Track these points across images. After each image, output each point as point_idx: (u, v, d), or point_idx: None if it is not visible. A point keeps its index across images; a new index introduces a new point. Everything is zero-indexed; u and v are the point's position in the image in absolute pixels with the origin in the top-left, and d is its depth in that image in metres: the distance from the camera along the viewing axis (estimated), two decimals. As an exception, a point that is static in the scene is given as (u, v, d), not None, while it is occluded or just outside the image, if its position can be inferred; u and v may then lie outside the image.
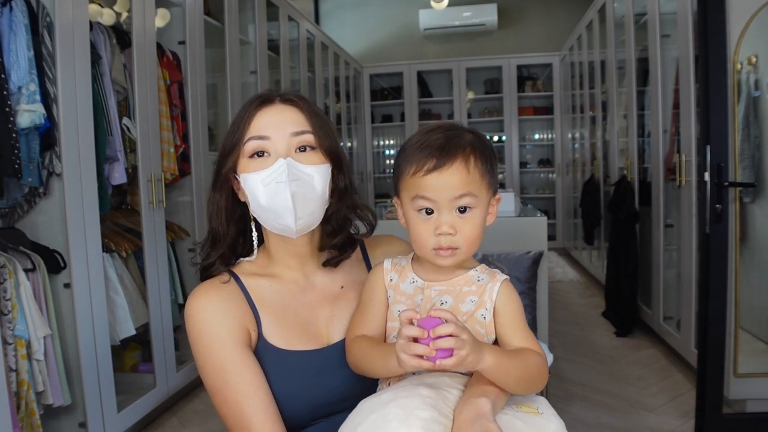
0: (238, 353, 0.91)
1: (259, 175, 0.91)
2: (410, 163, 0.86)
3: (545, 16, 6.80)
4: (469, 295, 0.88)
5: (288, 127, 0.93)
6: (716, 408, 2.13)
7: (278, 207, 0.90)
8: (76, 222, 2.02)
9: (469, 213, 0.85)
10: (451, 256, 0.86)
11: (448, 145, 0.85)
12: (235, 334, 0.92)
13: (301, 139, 0.93)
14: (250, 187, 0.92)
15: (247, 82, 3.55)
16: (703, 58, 2.10)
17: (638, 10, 3.56)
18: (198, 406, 2.69)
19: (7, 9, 1.82)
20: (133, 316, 2.38)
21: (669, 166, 3.14)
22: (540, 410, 0.87)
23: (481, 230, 0.87)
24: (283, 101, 0.96)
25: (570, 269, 5.61)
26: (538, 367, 0.85)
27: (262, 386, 0.90)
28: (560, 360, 3.04)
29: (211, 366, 0.91)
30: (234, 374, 0.89)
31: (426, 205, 0.85)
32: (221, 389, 0.90)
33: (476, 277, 0.89)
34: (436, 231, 0.85)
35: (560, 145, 6.69)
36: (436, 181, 0.84)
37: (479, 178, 0.85)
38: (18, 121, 1.82)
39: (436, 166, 0.84)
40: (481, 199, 0.86)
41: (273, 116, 0.94)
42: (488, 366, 0.78)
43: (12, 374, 1.77)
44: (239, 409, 0.88)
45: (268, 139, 0.92)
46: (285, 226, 0.92)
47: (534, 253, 2.27)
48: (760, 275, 2.39)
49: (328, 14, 6.98)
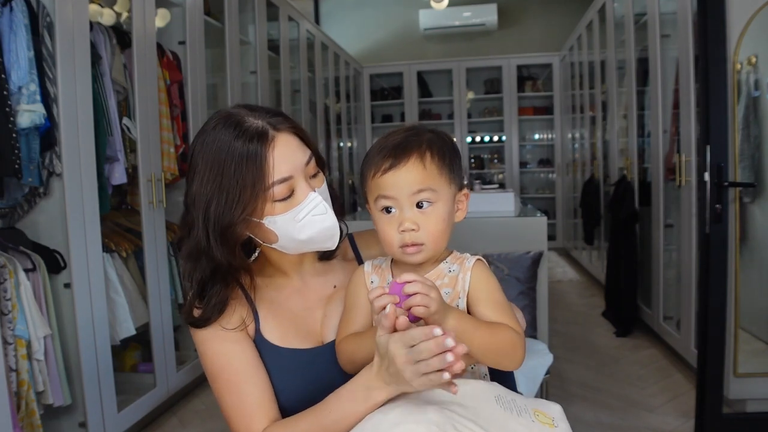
0: (239, 339, 0.94)
1: (291, 214, 0.89)
2: (370, 166, 0.89)
3: (545, 16, 6.80)
4: (443, 288, 0.89)
5: (299, 158, 0.90)
6: (716, 408, 2.13)
7: (321, 236, 0.92)
8: (76, 222, 2.02)
9: (430, 208, 0.87)
10: (417, 252, 0.88)
11: (404, 143, 0.88)
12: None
13: (310, 168, 0.93)
14: (281, 227, 0.90)
15: (247, 82, 3.55)
16: (703, 58, 2.10)
17: (638, 10, 3.56)
18: (198, 406, 2.69)
19: (7, 9, 1.82)
20: (133, 316, 2.38)
21: (669, 166, 3.14)
22: (555, 423, 0.86)
23: (445, 225, 0.89)
24: (279, 130, 0.89)
25: (570, 269, 5.61)
26: (509, 342, 0.84)
27: (260, 368, 0.94)
28: (560, 360, 3.04)
29: (211, 350, 0.94)
30: (234, 357, 0.93)
31: (387, 204, 0.88)
32: (220, 373, 0.93)
33: (447, 269, 0.92)
34: (399, 228, 0.87)
35: (560, 145, 6.69)
36: (393, 178, 0.86)
37: (437, 173, 0.87)
38: (18, 121, 1.82)
39: (392, 165, 0.86)
40: (442, 193, 0.88)
41: (284, 149, 0.88)
42: (451, 326, 0.79)
43: (12, 374, 1.77)
44: (238, 389, 0.91)
45: (292, 178, 0.89)
46: (325, 247, 0.95)
47: (534, 253, 2.27)
48: (760, 275, 2.39)
49: (328, 14, 6.98)
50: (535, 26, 6.85)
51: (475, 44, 6.91)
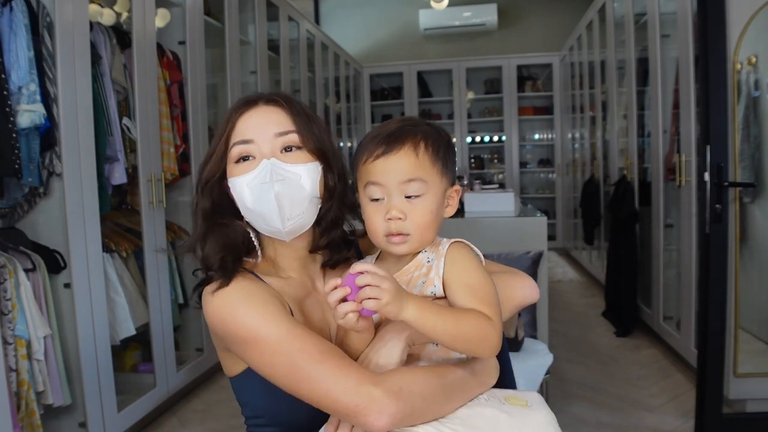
0: (291, 319, 0.86)
1: (245, 179, 0.90)
2: (363, 152, 0.88)
3: (545, 16, 6.80)
4: (419, 278, 0.88)
5: (271, 128, 0.91)
6: (716, 408, 2.13)
7: (264, 210, 0.89)
8: (76, 222, 2.02)
9: (419, 199, 0.86)
10: (402, 242, 0.86)
11: (398, 131, 0.87)
12: (277, 302, 0.88)
13: (285, 140, 0.91)
14: (237, 191, 0.91)
15: (247, 82, 3.55)
16: (703, 58, 2.10)
17: (638, 10, 3.56)
18: (198, 406, 2.69)
19: (7, 9, 1.82)
20: (133, 316, 2.38)
21: (669, 166, 3.14)
22: (529, 403, 0.87)
23: (433, 217, 0.87)
24: (267, 102, 0.94)
25: (570, 269, 5.61)
26: (478, 328, 0.81)
27: (330, 348, 0.84)
28: (560, 360, 3.04)
29: (269, 350, 0.84)
30: (296, 349, 0.82)
31: (376, 191, 0.86)
32: (295, 373, 0.82)
33: (426, 259, 0.89)
34: (386, 216, 0.85)
35: (560, 145, 6.69)
36: (384, 165, 0.85)
37: (429, 164, 0.86)
38: (18, 121, 1.82)
39: (384, 152, 0.85)
40: (432, 185, 0.86)
41: (256, 119, 0.92)
42: (410, 317, 0.77)
43: (12, 374, 1.78)
44: (319, 388, 0.81)
45: (252, 142, 0.91)
46: (274, 228, 0.91)
47: (534, 253, 2.27)
48: (760, 275, 2.39)
49: (328, 14, 6.98)
50: (535, 26, 6.85)
51: (475, 44, 6.91)
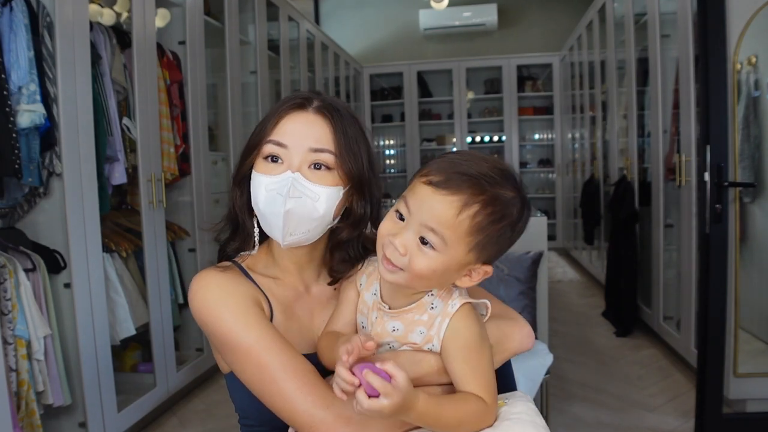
0: (264, 326, 0.88)
1: (265, 180, 0.90)
2: (432, 165, 0.80)
3: (545, 16, 6.80)
4: (419, 326, 0.84)
5: (309, 141, 0.89)
6: (716, 408, 2.13)
7: (270, 217, 0.89)
8: (76, 222, 2.02)
9: (430, 250, 0.77)
10: (392, 272, 0.79)
11: (471, 178, 0.77)
12: (253, 306, 0.90)
13: (318, 157, 0.89)
14: (255, 186, 0.91)
15: (247, 82, 3.55)
16: (703, 58, 2.10)
17: (638, 10, 3.56)
18: (198, 406, 2.69)
19: (7, 9, 1.82)
20: (133, 316, 2.38)
21: (669, 166, 3.14)
22: (506, 400, 0.87)
23: (432, 276, 0.79)
24: (316, 111, 0.90)
25: (570, 269, 5.61)
26: (475, 416, 0.80)
27: (294, 365, 0.86)
28: (560, 360, 3.04)
29: (236, 346, 0.87)
30: (264, 351, 0.86)
31: (404, 211, 0.79)
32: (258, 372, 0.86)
33: (430, 304, 0.84)
34: (391, 238, 0.79)
35: (560, 145, 6.69)
36: (426, 195, 0.77)
37: (464, 231, 0.77)
38: (18, 121, 1.82)
39: (438, 184, 0.76)
40: (451, 250, 0.77)
41: (299, 125, 0.90)
42: (412, 418, 0.77)
43: (12, 374, 1.78)
44: (280, 391, 0.84)
45: (286, 147, 0.89)
46: (273, 236, 0.92)
47: (534, 253, 2.27)
48: (760, 275, 2.39)
49: (328, 14, 6.98)
50: (535, 26, 6.85)
51: (475, 44, 6.91)
